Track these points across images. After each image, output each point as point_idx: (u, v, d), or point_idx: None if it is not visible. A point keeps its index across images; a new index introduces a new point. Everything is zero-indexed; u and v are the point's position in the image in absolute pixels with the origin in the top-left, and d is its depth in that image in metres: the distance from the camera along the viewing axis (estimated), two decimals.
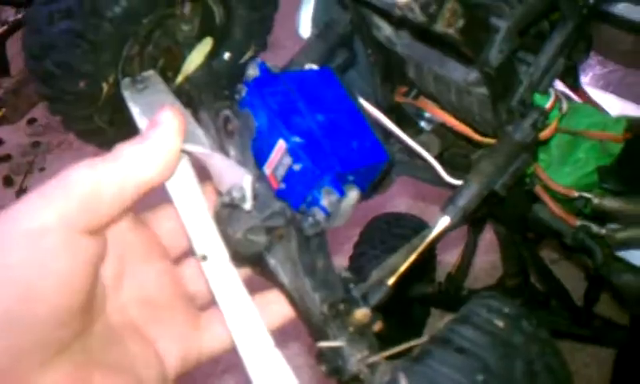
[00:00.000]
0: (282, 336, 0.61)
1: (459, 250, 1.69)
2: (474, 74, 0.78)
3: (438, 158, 1.00)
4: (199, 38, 0.84)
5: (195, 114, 0.72)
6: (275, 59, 0.72)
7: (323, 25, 0.88)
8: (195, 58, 0.81)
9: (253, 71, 0.67)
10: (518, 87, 0.74)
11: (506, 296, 1.51)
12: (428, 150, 0.98)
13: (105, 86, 0.77)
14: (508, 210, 0.97)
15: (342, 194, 0.62)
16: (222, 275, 0.61)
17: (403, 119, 1.03)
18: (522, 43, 0.77)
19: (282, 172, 0.62)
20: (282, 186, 0.62)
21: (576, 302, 1.62)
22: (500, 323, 0.59)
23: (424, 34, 0.85)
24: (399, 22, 0.84)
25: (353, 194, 0.63)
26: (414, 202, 2.21)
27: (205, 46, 0.82)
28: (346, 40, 0.88)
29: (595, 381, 1.72)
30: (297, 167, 0.61)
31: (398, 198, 2.24)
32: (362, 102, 0.79)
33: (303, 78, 0.68)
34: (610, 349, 1.68)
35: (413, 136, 1.00)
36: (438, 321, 1.94)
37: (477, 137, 0.85)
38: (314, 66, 0.77)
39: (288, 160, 0.61)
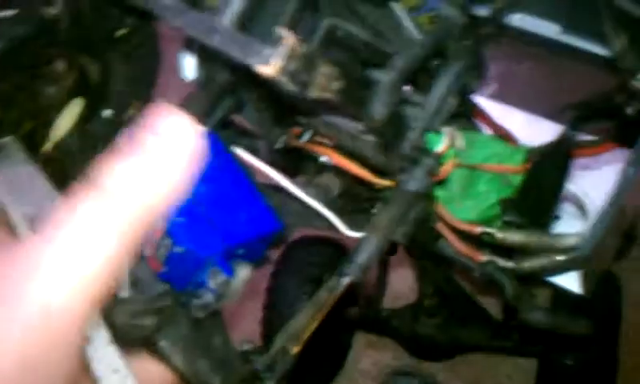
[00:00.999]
0: None
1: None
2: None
3: (342, 193, 0.97)
4: (70, 99, 0.77)
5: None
6: None
7: (205, 72, 0.83)
8: (64, 122, 0.75)
9: None
10: (409, 133, 0.71)
11: (427, 314, 1.51)
12: (330, 190, 0.94)
13: None
14: (414, 246, 0.95)
15: (231, 273, 0.57)
16: (104, 358, 0.56)
17: (303, 157, 0.99)
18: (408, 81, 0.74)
19: (163, 254, 0.57)
20: (165, 268, 0.57)
21: (495, 315, 1.62)
22: None
23: None
24: None
25: (242, 273, 0.59)
26: None
27: (74, 108, 0.76)
28: (230, 87, 0.83)
29: None
30: (178, 250, 0.56)
31: None
32: (250, 158, 0.75)
33: None
34: (532, 359, 1.69)
35: (314, 175, 0.96)
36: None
37: (374, 180, 0.82)
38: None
39: (168, 242, 0.57)
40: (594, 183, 0.96)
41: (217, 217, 0.58)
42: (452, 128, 0.78)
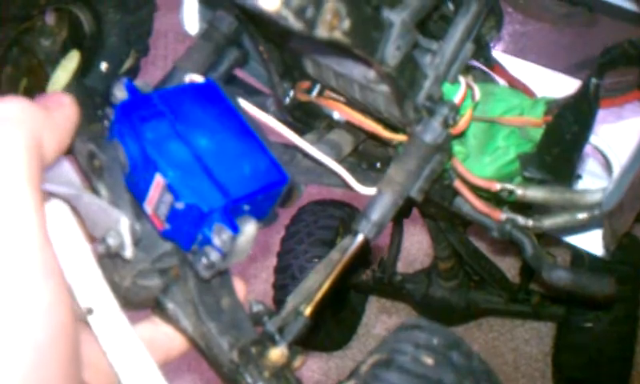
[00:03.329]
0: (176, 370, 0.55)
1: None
2: (373, 72, 0.70)
3: (354, 152, 0.93)
4: (65, 52, 0.73)
5: None
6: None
7: (207, 23, 0.79)
8: (61, 76, 0.71)
9: (119, 93, 0.58)
10: (423, 82, 0.67)
11: (442, 278, 1.47)
12: (340, 148, 0.90)
13: None
14: (429, 205, 0.91)
15: (236, 229, 0.54)
16: (112, 328, 0.53)
17: (313, 113, 0.95)
18: (422, 30, 0.69)
19: (164, 211, 0.54)
20: (167, 226, 0.54)
21: (512, 278, 1.58)
22: (429, 360, 0.54)
23: None
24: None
25: (249, 229, 0.55)
26: None
27: (71, 62, 0.72)
28: (234, 38, 0.79)
29: (536, 357, 1.69)
30: (179, 205, 0.53)
31: None
32: (257, 112, 0.71)
33: (181, 96, 0.59)
34: (550, 323, 1.66)
35: (324, 132, 0.92)
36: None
37: (386, 134, 0.78)
38: (196, 77, 0.68)
39: (169, 197, 0.53)
40: (617, 136, 0.92)
41: (219, 170, 0.55)
42: (469, 78, 0.73)
